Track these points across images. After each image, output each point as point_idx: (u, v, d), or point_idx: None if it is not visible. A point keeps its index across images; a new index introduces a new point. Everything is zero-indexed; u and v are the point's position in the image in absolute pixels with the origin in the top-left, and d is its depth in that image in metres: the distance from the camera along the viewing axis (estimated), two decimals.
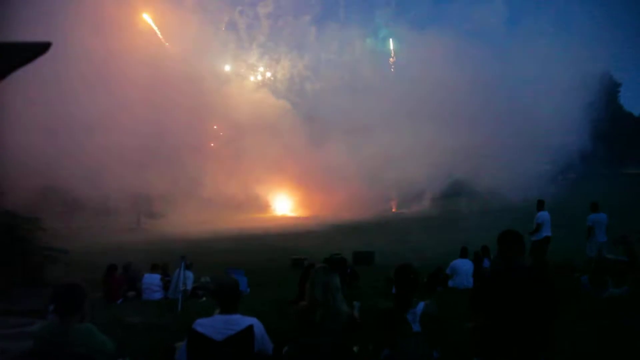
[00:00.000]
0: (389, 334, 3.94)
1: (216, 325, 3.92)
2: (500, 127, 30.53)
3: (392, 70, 39.28)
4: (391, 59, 39.56)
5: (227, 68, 37.10)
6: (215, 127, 33.43)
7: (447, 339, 4.18)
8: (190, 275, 11.42)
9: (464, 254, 12.55)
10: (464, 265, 12.29)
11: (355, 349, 4.29)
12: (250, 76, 37.68)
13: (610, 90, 44.74)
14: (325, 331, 4.05)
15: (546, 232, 13.24)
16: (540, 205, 13.70)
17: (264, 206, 30.66)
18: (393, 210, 33.63)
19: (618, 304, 8.17)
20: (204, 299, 11.79)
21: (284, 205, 30.55)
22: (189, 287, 11.35)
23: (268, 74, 38.61)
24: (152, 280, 11.81)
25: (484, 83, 31.71)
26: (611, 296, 8.78)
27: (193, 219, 25.99)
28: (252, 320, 3.99)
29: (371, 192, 30.99)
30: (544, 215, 13.47)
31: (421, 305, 4.03)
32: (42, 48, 1.85)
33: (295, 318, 4.35)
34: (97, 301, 11.27)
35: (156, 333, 7.91)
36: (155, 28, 31.49)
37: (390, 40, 40.51)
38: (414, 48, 36.21)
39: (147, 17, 31.26)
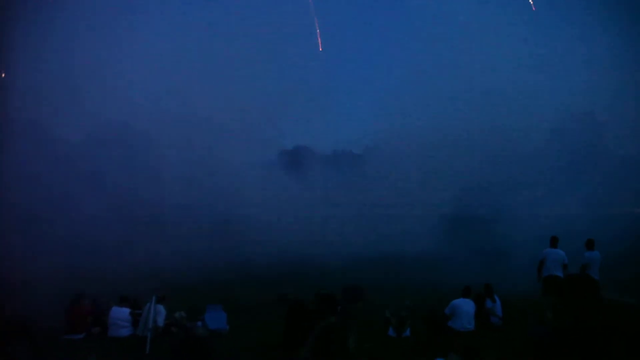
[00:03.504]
0: None
1: None
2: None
3: None
4: None
5: None
6: None
7: None
8: (161, 310, 10.21)
9: (466, 293, 11.50)
10: (466, 306, 11.27)
11: None
12: None
13: None
14: None
15: (550, 270, 12.32)
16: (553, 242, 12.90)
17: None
18: None
19: None
20: (178, 337, 10.58)
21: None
22: (161, 323, 10.13)
23: None
24: (119, 314, 10.56)
25: None
26: None
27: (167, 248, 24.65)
28: None
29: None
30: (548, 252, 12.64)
31: None
32: None
33: None
34: (58, 334, 10.06)
35: None
36: None
37: None
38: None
39: None
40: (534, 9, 35.00)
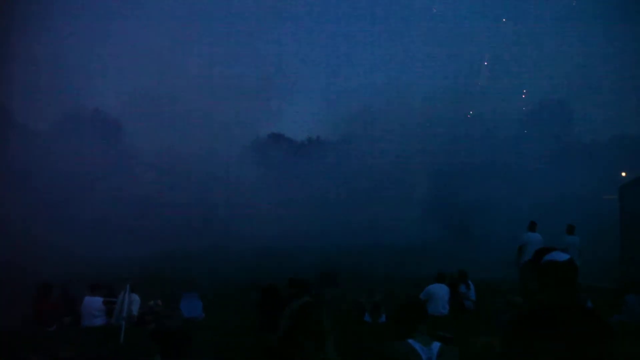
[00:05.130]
0: None
1: None
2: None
3: None
4: None
5: None
6: None
7: None
8: (136, 298, 10.08)
9: (440, 279, 11.68)
10: (441, 291, 11.44)
11: None
12: None
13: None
14: None
15: (529, 255, 12.47)
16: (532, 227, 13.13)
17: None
18: None
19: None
20: (153, 325, 10.48)
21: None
22: (135, 312, 10.00)
23: None
24: (92, 304, 10.37)
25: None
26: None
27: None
28: None
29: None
30: (529, 237, 12.83)
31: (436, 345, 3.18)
32: None
33: None
34: (26, 327, 9.84)
35: None
36: None
37: None
38: None
39: None
40: None
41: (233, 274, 18.92)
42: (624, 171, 28.86)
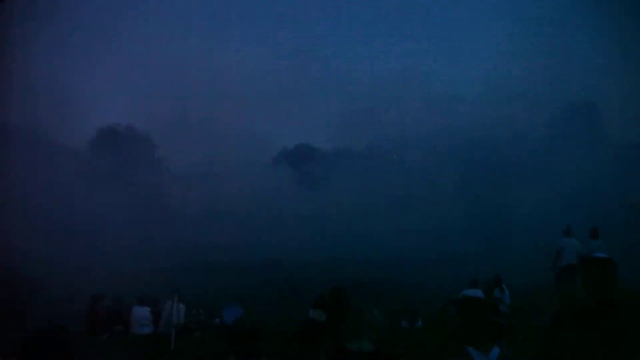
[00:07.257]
0: None
1: None
2: None
3: None
4: None
5: None
6: None
7: None
8: (182, 307, 10.57)
9: (474, 284, 11.85)
10: (475, 295, 11.57)
11: None
12: None
13: None
14: None
15: (568, 259, 12.44)
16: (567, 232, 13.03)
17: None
18: None
19: None
20: (197, 333, 10.94)
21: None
22: (182, 320, 10.49)
23: None
24: (141, 313, 10.90)
25: None
26: None
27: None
28: None
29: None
30: (565, 241, 12.74)
31: (496, 351, 3.22)
32: None
33: None
34: (80, 336, 10.36)
35: None
36: None
37: None
38: None
39: None
40: None
41: (263, 284, 19.29)
42: None
